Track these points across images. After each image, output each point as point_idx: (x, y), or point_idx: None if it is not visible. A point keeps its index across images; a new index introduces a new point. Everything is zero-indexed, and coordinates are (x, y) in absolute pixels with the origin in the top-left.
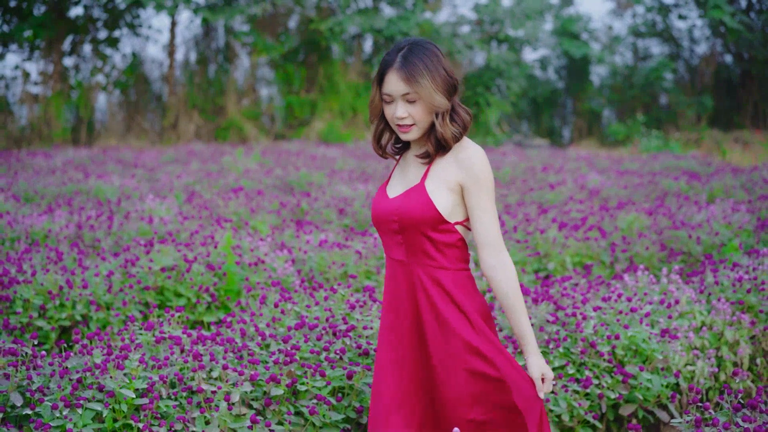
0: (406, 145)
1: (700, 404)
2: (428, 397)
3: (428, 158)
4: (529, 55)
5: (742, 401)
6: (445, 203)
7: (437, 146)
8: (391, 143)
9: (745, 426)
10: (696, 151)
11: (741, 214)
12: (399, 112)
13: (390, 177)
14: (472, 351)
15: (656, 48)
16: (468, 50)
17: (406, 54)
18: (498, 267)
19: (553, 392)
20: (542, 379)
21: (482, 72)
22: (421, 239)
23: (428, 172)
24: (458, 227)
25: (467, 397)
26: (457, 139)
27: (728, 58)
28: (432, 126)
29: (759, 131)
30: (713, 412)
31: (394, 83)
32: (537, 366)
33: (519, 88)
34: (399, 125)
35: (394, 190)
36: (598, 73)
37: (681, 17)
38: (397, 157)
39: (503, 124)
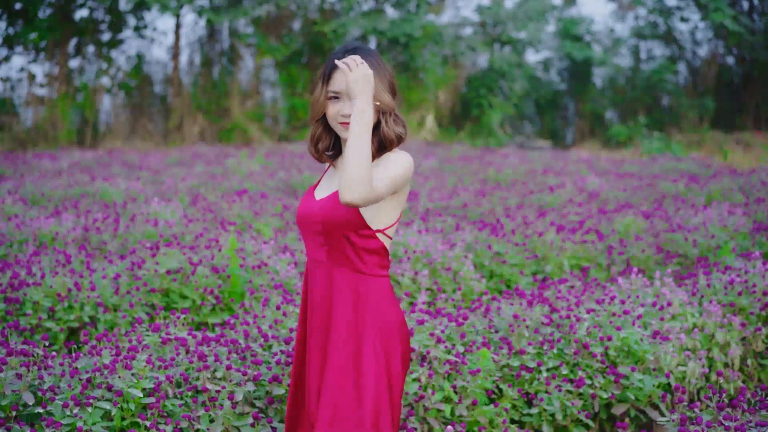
0: (338, 152)
1: (685, 404)
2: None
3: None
4: (532, 57)
5: (726, 401)
6: (369, 207)
7: (379, 147)
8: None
9: (727, 424)
10: (697, 153)
11: (737, 217)
12: (346, 109)
13: (319, 181)
14: (358, 381)
15: (658, 50)
16: (471, 52)
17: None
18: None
19: (546, 392)
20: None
21: (485, 74)
22: (342, 242)
23: None
24: (380, 236)
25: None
26: (400, 140)
27: (730, 60)
28: (374, 127)
29: (760, 133)
30: (698, 411)
31: (343, 80)
32: None
33: (521, 90)
34: (343, 123)
35: (322, 192)
36: (600, 75)
37: (683, 19)
38: (329, 161)
39: (506, 125)
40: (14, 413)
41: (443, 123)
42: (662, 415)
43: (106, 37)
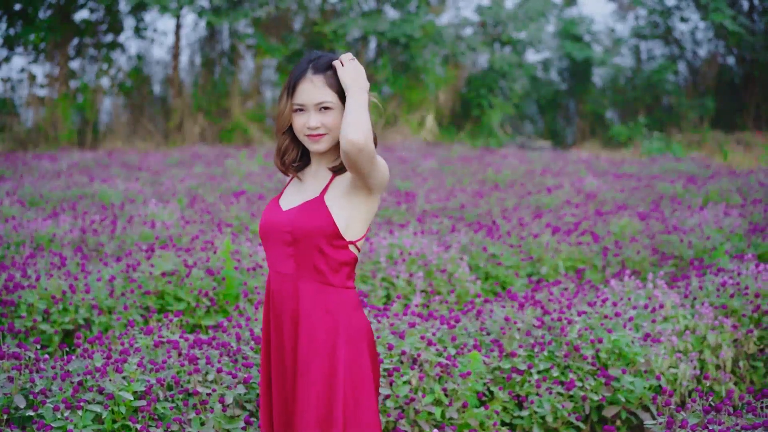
0: (306, 162)
1: (673, 406)
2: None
3: (343, 171)
4: (532, 57)
5: (715, 403)
6: (342, 217)
7: None
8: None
9: (712, 428)
10: (697, 153)
11: (733, 218)
12: (312, 122)
13: (283, 191)
14: (327, 401)
15: (659, 50)
16: (471, 52)
17: (319, 62)
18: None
19: (537, 394)
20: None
21: (485, 74)
22: (313, 253)
23: (329, 187)
24: (352, 247)
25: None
26: None
27: (731, 60)
28: None
29: (760, 133)
30: (684, 414)
31: (308, 92)
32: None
33: (522, 90)
34: (310, 135)
35: (289, 202)
36: (600, 75)
37: (683, 19)
38: (295, 174)
39: (506, 125)
40: (5, 416)
41: (443, 123)
42: (653, 417)
43: (106, 38)
